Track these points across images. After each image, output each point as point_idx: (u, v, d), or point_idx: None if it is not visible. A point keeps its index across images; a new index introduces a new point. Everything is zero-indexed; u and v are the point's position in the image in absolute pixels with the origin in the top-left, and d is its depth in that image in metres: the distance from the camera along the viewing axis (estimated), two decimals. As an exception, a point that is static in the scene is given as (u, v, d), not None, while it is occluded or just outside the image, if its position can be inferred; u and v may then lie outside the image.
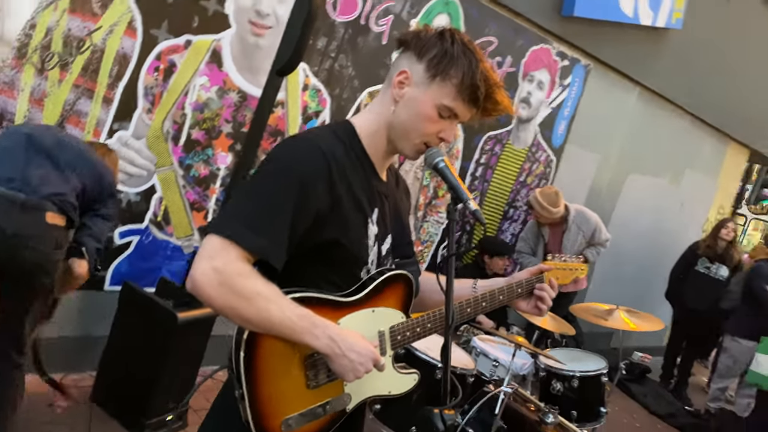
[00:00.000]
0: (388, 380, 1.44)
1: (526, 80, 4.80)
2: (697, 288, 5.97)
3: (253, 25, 3.31)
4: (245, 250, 1.22)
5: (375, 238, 1.40)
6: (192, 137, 3.27)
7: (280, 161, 1.28)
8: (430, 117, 1.34)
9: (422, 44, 1.35)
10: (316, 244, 1.30)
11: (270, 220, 1.23)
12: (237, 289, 1.20)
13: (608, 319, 3.55)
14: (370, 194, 1.38)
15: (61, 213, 2.30)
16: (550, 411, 3.06)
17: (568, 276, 1.73)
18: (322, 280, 1.34)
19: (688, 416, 5.60)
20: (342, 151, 1.33)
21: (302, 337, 1.25)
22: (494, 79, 1.35)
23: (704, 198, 7.54)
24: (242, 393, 1.25)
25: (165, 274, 3.33)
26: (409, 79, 1.35)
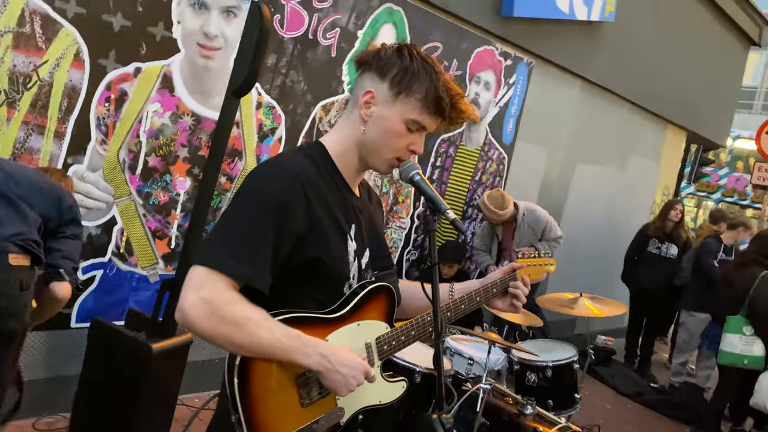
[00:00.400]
0: (378, 390, 1.48)
1: (473, 82, 4.91)
2: (650, 268, 6.21)
3: (201, 47, 3.30)
4: (231, 278, 1.24)
5: (354, 254, 1.43)
6: (149, 165, 3.23)
7: (256, 188, 1.30)
8: (399, 132, 1.39)
9: (383, 63, 1.39)
10: (299, 265, 1.32)
11: (253, 246, 1.26)
12: (227, 317, 1.22)
13: (574, 307, 3.67)
14: (346, 211, 1.42)
15: (25, 253, 2.24)
16: (528, 403, 3.14)
17: (539, 271, 1.80)
18: (308, 300, 1.37)
19: (654, 393, 5.82)
20: (315, 172, 1.36)
21: (294, 356, 1.27)
22: (456, 89, 1.41)
23: (649, 182, 7.85)
24: (239, 418, 1.26)
25: (132, 305, 3.27)
26: (374, 98, 1.39)
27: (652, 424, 5.15)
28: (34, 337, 3.03)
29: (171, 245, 3.42)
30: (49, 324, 3.03)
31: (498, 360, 3.67)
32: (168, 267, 3.41)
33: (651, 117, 7.32)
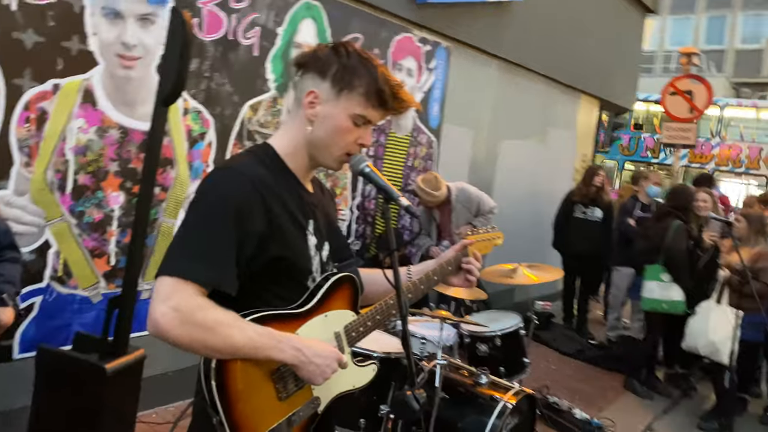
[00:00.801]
0: (350, 376, 1.55)
1: (395, 69, 5.00)
2: (577, 232, 6.53)
3: (121, 58, 3.22)
4: (198, 284, 1.27)
5: (315, 248, 1.48)
6: (79, 183, 3.14)
7: (212, 195, 1.33)
8: (346, 128, 1.44)
9: (321, 63, 1.44)
10: (263, 265, 1.36)
11: (215, 251, 1.29)
12: (199, 323, 1.25)
13: (514, 276, 3.83)
14: (302, 208, 1.46)
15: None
16: (482, 372, 3.28)
17: (488, 246, 1.90)
18: (275, 298, 1.41)
19: (594, 349, 6.15)
20: (267, 173, 1.40)
21: (269, 353, 1.32)
22: (395, 80, 1.47)
23: (568, 151, 8.21)
24: (220, 419, 1.30)
25: (78, 328, 3.18)
26: (318, 98, 1.43)
27: (595, 378, 5.47)
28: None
29: (111, 262, 3.34)
30: (-11, 358, 2.93)
31: (449, 336, 3.80)
32: (110, 285, 3.33)
33: (564, 89, 7.65)
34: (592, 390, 5.13)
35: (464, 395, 3.25)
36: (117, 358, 2.76)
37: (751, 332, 4.54)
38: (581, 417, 4.25)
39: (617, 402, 4.96)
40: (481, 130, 6.27)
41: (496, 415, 3.03)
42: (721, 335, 4.39)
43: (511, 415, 3.10)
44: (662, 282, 5.04)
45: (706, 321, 4.60)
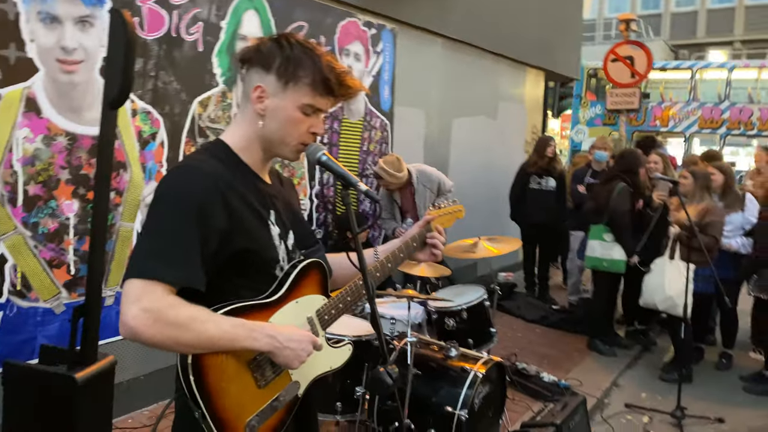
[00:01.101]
0: (327, 358, 1.59)
1: (343, 55, 5.01)
2: (534, 203, 6.68)
3: (62, 63, 3.15)
4: (166, 283, 1.28)
5: (279, 237, 1.51)
6: (30, 194, 3.08)
7: (171, 194, 1.35)
8: (297, 119, 1.47)
9: (265, 57, 1.45)
10: (229, 259, 1.39)
11: (180, 250, 1.31)
12: (171, 321, 1.27)
13: (475, 251, 3.92)
14: (261, 200, 1.49)
15: None
16: (451, 346, 3.37)
17: (450, 219, 1.96)
18: (244, 290, 1.44)
19: (557, 314, 6.35)
20: (223, 168, 1.42)
21: (243, 343, 1.35)
22: (340, 66, 1.49)
23: (518, 124, 8.37)
24: (202, 412, 1.32)
25: (43, 341, 3.14)
26: (265, 92, 1.45)
27: (560, 341, 5.65)
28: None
29: (71, 272, 3.29)
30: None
31: (417, 314, 3.89)
32: (73, 294, 3.29)
33: (510, 63, 7.77)
34: (558, 353, 5.31)
35: (436, 370, 3.34)
36: (87, 367, 2.73)
37: (702, 284, 4.77)
38: (549, 380, 4.40)
39: (583, 362, 5.14)
40: (432, 110, 6.34)
41: (468, 385, 3.12)
42: (676, 289, 4.59)
43: (482, 383, 3.21)
44: (604, 241, 5.28)
45: (662, 277, 4.80)
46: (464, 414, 3.05)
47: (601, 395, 4.53)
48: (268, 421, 1.43)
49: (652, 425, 4.17)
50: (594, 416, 4.19)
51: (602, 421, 4.18)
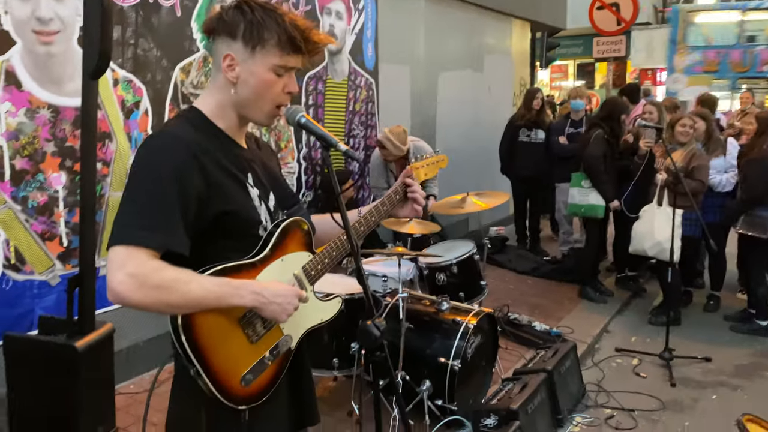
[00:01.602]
0: (316, 311, 1.65)
1: (324, 14, 4.94)
2: (524, 156, 6.70)
3: (38, 34, 3.11)
4: (149, 248, 1.31)
5: (259, 198, 1.53)
6: (17, 168, 3.08)
7: (149, 161, 1.37)
8: (270, 81, 1.47)
9: (229, 25, 1.45)
10: (210, 222, 1.41)
11: (160, 214, 1.33)
12: (157, 284, 1.30)
13: (464, 206, 3.97)
14: (238, 164, 1.50)
15: None
16: (443, 300, 3.46)
17: (433, 169, 1.99)
18: (229, 251, 1.46)
19: (548, 264, 6.45)
20: (199, 135, 1.43)
21: (229, 300, 1.38)
22: (304, 23, 1.49)
23: (506, 76, 8.32)
24: (197, 370, 1.37)
25: (41, 312, 3.19)
26: (234, 60, 1.45)
27: (551, 291, 5.76)
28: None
29: (63, 243, 3.32)
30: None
31: (408, 270, 3.95)
32: (67, 266, 3.33)
33: (495, 15, 7.68)
34: (549, 303, 5.41)
35: (428, 323, 3.42)
36: (86, 336, 2.79)
37: (690, 228, 4.84)
38: (541, 329, 4.51)
39: (574, 311, 5.26)
40: (417, 65, 6.29)
41: (460, 336, 3.21)
42: (664, 235, 4.66)
43: (474, 334, 3.30)
44: (582, 188, 5.37)
45: (651, 223, 4.87)
46: (457, 364, 3.15)
47: (592, 341, 4.66)
48: (262, 374, 1.48)
49: (642, 367, 4.30)
50: (585, 361, 4.32)
51: (593, 365, 4.30)
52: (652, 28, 16.14)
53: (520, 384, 3.30)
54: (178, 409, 1.53)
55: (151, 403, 2.51)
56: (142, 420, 3.26)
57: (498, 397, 3.26)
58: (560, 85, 20.62)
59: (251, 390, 1.46)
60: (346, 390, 3.55)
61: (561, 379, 3.52)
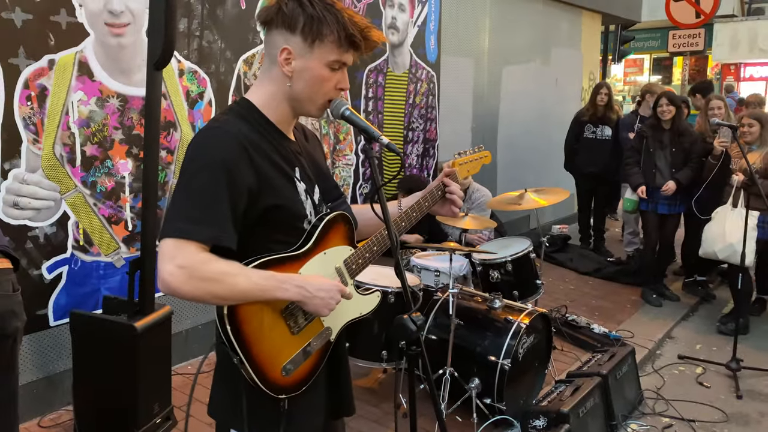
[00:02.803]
0: (356, 305, 1.65)
1: (387, 6, 4.94)
2: (589, 152, 6.51)
3: (110, 26, 3.25)
4: (198, 242, 1.35)
5: (305, 193, 1.55)
6: (87, 154, 3.24)
7: (200, 156, 1.40)
8: (325, 77, 1.48)
9: (288, 18, 1.45)
10: (259, 215, 1.44)
11: (210, 209, 1.36)
12: (205, 276, 1.33)
13: (521, 203, 3.90)
14: (286, 157, 1.52)
15: (4, 256, 2.29)
16: (495, 297, 3.40)
17: (476, 166, 1.95)
18: (274, 243, 1.49)
19: (612, 265, 6.23)
20: (248, 128, 1.45)
21: (274, 294, 1.41)
22: (361, 20, 1.48)
23: (574, 70, 8.08)
24: (240, 359, 1.41)
25: (105, 292, 3.35)
26: (291, 53, 1.46)
27: (614, 293, 5.57)
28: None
29: (128, 228, 3.47)
30: (29, 328, 3.10)
31: (461, 266, 3.91)
32: (131, 249, 3.47)
33: (564, 6, 7.47)
34: (611, 305, 5.24)
35: (479, 320, 3.38)
36: (145, 317, 2.91)
37: (764, 232, 4.57)
38: (599, 331, 4.37)
39: (636, 314, 5.07)
40: (481, 58, 6.20)
41: (511, 335, 3.16)
42: (737, 238, 4.42)
43: (526, 334, 3.23)
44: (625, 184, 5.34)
45: (723, 225, 4.64)
46: (507, 363, 3.09)
47: (653, 347, 4.48)
48: (302, 365, 1.51)
49: (706, 377, 4.10)
50: (645, 367, 4.16)
51: (653, 371, 4.14)
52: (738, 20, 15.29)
53: (573, 387, 3.21)
54: (220, 394, 1.57)
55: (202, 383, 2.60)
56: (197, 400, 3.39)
57: (549, 399, 3.18)
58: (635, 80, 19.88)
59: (291, 380, 1.49)
60: (394, 383, 3.56)
61: (617, 384, 3.41)
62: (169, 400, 3.11)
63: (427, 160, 5.61)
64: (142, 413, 2.94)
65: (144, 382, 2.93)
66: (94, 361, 2.98)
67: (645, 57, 19.47)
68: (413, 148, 5.42)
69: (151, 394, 2.97)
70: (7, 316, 2.23)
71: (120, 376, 2.90)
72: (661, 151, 5.17)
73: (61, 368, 3.26)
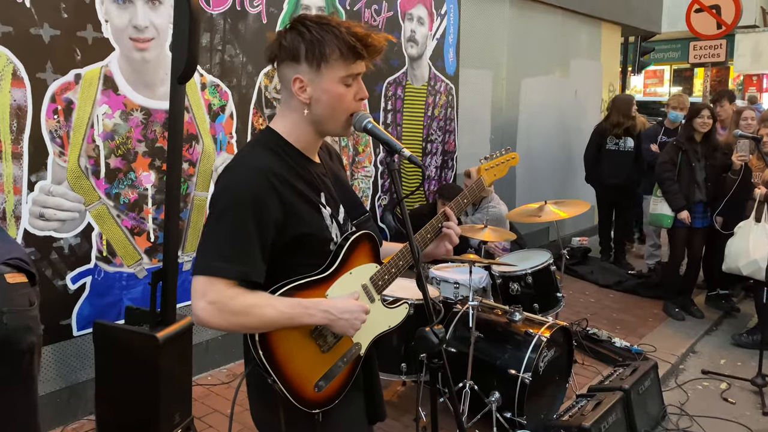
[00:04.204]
0: (385, 318, 1.68)
1: (406, 20, 4.97)
2: (611, 164, 6.44)
3: (134, 41, 3.31)
4: (227, 279, 1.41)
5: (331, 217, 1.57)
6: (111, 167, 3.29)
7: (228, 193, 1.44)
8: (342, 94, 1.50)
9: (289, 50, 1.47)
10: (286, 243, 1.48)
11: (239, 247, 1.41)
12: (234, 311, 1.40)
13: (541, 215, 3.87)
14: (311, 182, 1.54)
15: (19, 271, 2.32)
16: (515, 310, 3.38)
17: (503, 169, 1.95)
18: (301, 267, 1.53)
19: (633, 278, 6.15)
20: (274, 158, 1.48)
21: (301, 320, 1.46)
22: (360, 29, 1.49)
23: (594, 81, 8.04)
24: (274, 379, 1.46)
25: (128, 303, 3.39)
26: (303, 82, 1.48)
27: (635, 307, 5.50)
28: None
29: (150, 239, 3.51)
30: (52, 337, 3.16)
31: (481, 278, 3.89)
32: (153, 260, 3.51)
33: (583, 18, 7.45)
34: (632, 319, 5.18)
35: (499, 333, 3.36)
36: (166, 327, 2.93)
37: (789, 247, 4.49)
38: (621, 345, 4.32)
39: (658, 328, 4.99)
40: (500, 71, 6.20)
41: (532, 349, 3.13)
42: (762, 252, 4.36)
43: (547, 347, 3.20)
44: (656, 197, 5.19)
45: (746, 240, 4.56)
46: (528, 377, 3.07)
47: (676, 361, 4.41)
48: (334, 380, 1.55)
49: (731, 392, 4.02)
50: (668, 382, 4.10)
51: (676, 386, 4.07)
52: (760, 31, 15.13)
53: (595, 401, 3.17)
54: (259, 408, 1.63)
55: (222, 395, 2.61)
56: (217, 411, 3.40)
57: (570, 414, 3.14)
58: (655, 91, 19.73)
59: (324, 395, 1.54)
60: (413, 395, 3.55)
61: (639, 398, 3.36)
62: (189, 411, 3.12)
63: (445, 172, 5.61)
64: (163, 423, 2.96)
65: (165, 392, 2.95)
66: (116, 370, 3.01)
67: (665, 68, 19.33)
68: (432, 160, 5.43)
69: (172, 404, 2.99)
70: (21, 332, 2.26)
71: (142, 385, 2.92)
72: (697, 163, 5.09)
73: (84, 378, 3.30)
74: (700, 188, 5.06)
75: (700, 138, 5.05)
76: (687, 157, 5.08)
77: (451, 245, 1.78)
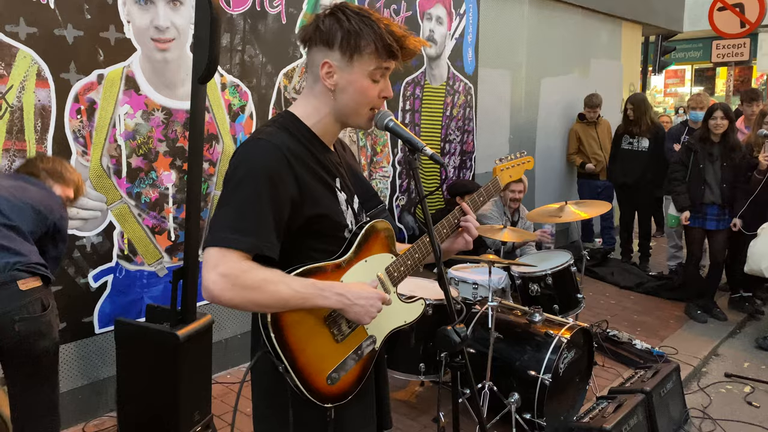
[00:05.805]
0: (399, 313, 1.65)
1: (425, 19, 4.96)
2: (623, 163, 6.40)
3: (156, 42, 3.34)
4: (241, 251, 1.37)
5: (346, 203, 1.56)
6: (132, 166, 3.32)
7: (244, 167, 1.41)
8: (368, 88, 1.49)
9: (325, 35, 1.47)
10: (301, 225, 1.45)
11: (253, 219, 1.38)
12: (247, 284, 1.35)
13: (561, 215, 3.84)
14: (327, 168, 1.53)
15: (32, 275, 2.35)
16: (535, 311, 3.35)
17: (519, 171, 1.94)
18: (316, 252, 1.50)
19: (654, 280, 6.08)
20: (291, 139, 1.47)
21: (314, 302, 1.41)
22: (399, 31, 1.49)
23: (614, 81, 7.96)
24: (285, 367, 1.41)
25: (148, 301, 3.42)
26: (332, 68, 1.47)
27: (656, 309, 5.43)
28: (63, 350, 3.17)
29: (171, 238, 3.54)
30: (74, 335, 3.20)
31: (500, 279, 3.87)
32: (173, 258, 3.54)
33: (604, 17, 7.38)
34: (653, 321, 5.11)
35: (519, 334, 3.33)
36: (187, 325, 2.95)
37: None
38: (642, 347, 4.27)
39: (680, 330, 4.93)
40: (519, 70, 6.16)
41: (552, 350, 3.10)
42: (786, 255, 4.29)
43: (567, 348, 3.17)
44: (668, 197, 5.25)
45: (769, 242, 4.49)
46: (548, 378, 3.04)
47: (699, 364, 4.34)
48: (347, 373, 1.51)
49: (755, 396, 3.96)
50: (690, 385, 4.04)
51: (699, 389, 4.01)
52: (783, 29, 14.88)
53: (616, 403, 3.13)
54: (264, 406, 1.58)
55: (243, 394, 2.62)
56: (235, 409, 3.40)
57: (591, 416, 3.11)
58: (676, 92, 19.47)
59: (336, 389, 1.49)
60: (431, 396, 3.53)
61: (661, 401, 3.31)
62: (209, 409, 3.14)
63: (464, 172, 5.59)
64: (182, 421, 2.98)
65: (185, 390, 2.97)
66: (137, 368, 3.03)
67: (686, 67, 19.07)
68: (450, 159, 5.41)
69: (191, 402, 3.01)
70: (33, 339, 2.29)
71: (162, 383, 2.94)
72: (710, 165, 5.00)
73: (105, 375, 3.33)
74: (711, 190, 4.98)
75: (717, 139, 4.96)
76: (697, 158, 5.03)
77: (470, 237, 1.76)
